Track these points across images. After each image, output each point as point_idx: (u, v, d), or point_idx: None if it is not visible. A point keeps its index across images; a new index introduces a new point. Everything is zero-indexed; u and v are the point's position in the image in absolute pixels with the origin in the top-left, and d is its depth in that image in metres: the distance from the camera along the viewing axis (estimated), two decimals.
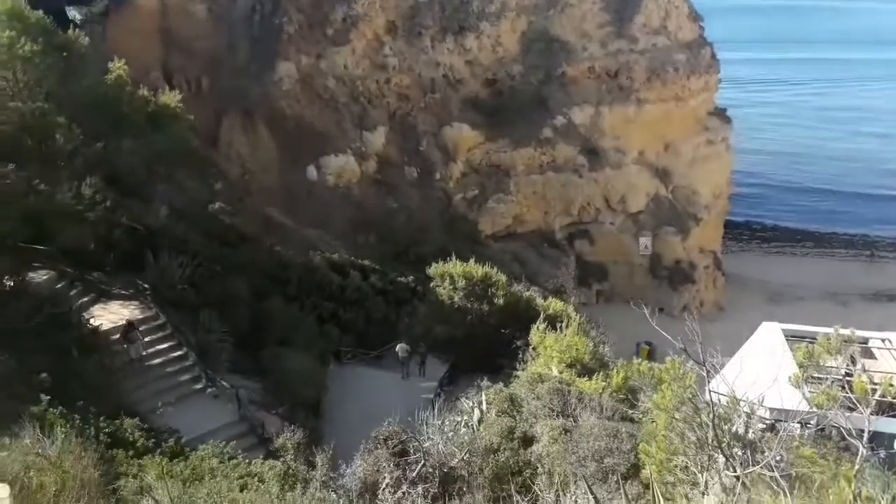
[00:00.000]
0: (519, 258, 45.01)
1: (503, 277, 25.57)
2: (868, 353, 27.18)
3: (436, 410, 14.89)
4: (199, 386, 18.56)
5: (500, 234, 47.69)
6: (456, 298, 24.05)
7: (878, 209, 71.37)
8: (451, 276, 24.62)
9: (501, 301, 24.07)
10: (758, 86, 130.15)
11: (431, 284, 25.10)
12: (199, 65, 41.96)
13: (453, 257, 26.07)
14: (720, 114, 57.90)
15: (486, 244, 44.71)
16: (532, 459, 12.54)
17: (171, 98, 26.40)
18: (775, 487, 7.17)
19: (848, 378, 9.55)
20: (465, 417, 15.92)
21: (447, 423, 14.29)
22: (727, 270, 54.00)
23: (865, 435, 7.60)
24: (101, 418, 14.04)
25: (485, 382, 17.78)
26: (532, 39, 50.72)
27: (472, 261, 25.99)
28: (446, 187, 46.25)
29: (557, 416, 14.76)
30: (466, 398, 17.49)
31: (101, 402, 15.24)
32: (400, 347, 23.37)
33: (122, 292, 20.33)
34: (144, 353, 18.51)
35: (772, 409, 11.96)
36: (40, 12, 22.73)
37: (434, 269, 25.36)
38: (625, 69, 51.13)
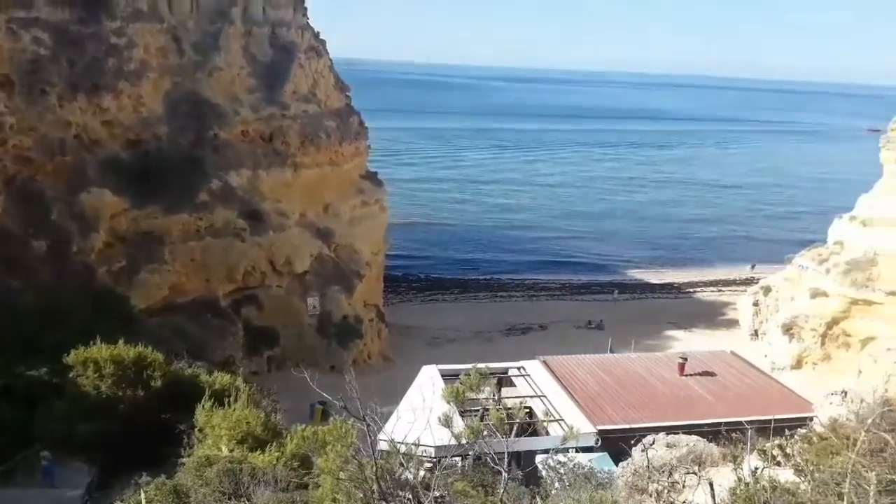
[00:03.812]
0: (180, 332, 41.60)
1: (160, 357, 23.29)
2: (509, 382, 31.29)
3: None
4: None
5: (157, 308, 43.62)
6: (103, 387, 21.11)
7: (504, 257, 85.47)
8: (95, 362, 21.56)
9: (160, 383, 21.84)
10: (406, 156, 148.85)
11: (71, 375, 21.61)
12: None
13: (98, 340, 22.92)
14: (372, 177, 62.39)
15: (140, 320, 40.37)
16: None
17: None
18: None
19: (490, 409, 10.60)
20: None
21: None
22: (390, 321, 57.56)
23: (505, 458, 8.44)
24: None
25: (144, 478, 15.79)
26: (178, 100, 48.58)
27: (121, 342, 23.18)
28: (87, 260, 40.88)
29: (229, 498, 13.76)
30: (121, 501, 15.29)
31: None
32: (42, 455, 20.32)
33: None
34: None
35: (435, 448, 12.75)
36: None
37: (73, 356, 21.92)
38: (279, 134, 51.95)
